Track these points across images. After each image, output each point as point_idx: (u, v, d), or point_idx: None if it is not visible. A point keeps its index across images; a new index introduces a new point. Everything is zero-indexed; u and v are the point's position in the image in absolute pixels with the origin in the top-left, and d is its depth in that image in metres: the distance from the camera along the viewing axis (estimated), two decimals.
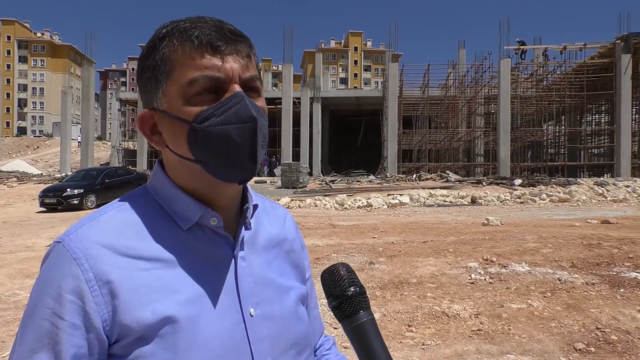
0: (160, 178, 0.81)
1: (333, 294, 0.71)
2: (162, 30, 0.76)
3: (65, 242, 0.71)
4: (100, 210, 0.78)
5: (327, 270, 0.74)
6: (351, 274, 0.73)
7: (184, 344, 0.69)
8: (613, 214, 12.34)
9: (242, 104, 0.73)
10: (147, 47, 0.78)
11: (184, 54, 0.73)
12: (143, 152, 39.42)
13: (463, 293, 5.29)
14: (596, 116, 38.61)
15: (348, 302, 0.70)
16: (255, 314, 0.78)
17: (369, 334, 0.67)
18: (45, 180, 28.96)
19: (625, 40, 30.15)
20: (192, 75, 0.72)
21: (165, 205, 0.79)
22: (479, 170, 35.36)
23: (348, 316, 0.69)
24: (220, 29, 0.74)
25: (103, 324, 0.68)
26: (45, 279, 0.70)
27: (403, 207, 16.61)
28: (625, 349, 3.73)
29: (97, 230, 0.73)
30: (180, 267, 0.74)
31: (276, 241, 0.90)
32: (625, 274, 5.75)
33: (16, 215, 16.21)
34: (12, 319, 4.79)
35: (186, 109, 0.73)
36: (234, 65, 0.74)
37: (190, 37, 0.73)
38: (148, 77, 0.77)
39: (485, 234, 9.14)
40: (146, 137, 0.80)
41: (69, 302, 0.67)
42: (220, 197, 0.80)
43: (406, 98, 37.58)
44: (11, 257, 8.04)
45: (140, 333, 0.68)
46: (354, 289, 0.71)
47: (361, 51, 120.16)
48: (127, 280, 0.70)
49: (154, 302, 0.70)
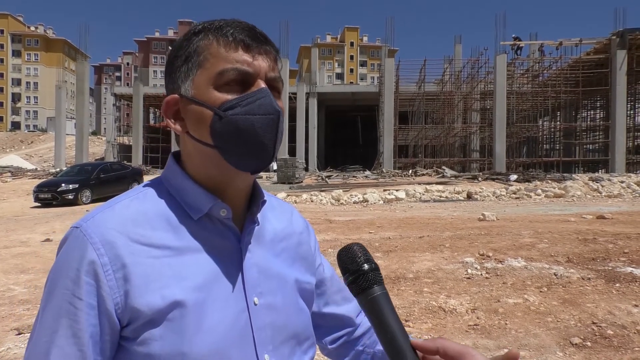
0: (173, 170, 0.85)
1: (349, 269, 0.75)
2: (197, 27, 0.82)
3: (83, 227, 0.74)
4: (116, 199, 0.81)
5: (343, 249, 0.78)
6: (365, 252, 0.77)
7: (190, 328, 0.73)
8: (608, 209, 12.40)
9: (267, 98, 0.78)
10: (181, 39, 0.83)
11: (219, 47, 0.78)
12: (138, 147, 39.27)
13: (460, 288, 5.30)
14: (591, 112, 38.80)
15: (363, 277, 0.73)
16: (258, 303, 0.82)
17: (382, 307, 0.71)
18: (39, 175, 28.85)
19: (621, 36, 30.24)
20: (223, 66, 0.77)
21: (177, 196, 0.82)
22: (475, 165, 35.48)
23: (363, 290, 0.73)
24: (253, 31, 0.80)
25: (115, 307, 0.71)
26: (63, 261, 0.74)
27: (399, 202, 16.65)
28: (621, 344, 3.74)
29: (112, 218, 0.76)
30: (189, 255, 0.78)
31: (282, 235, 0.94)
32: (620, 268, 5.77)
33: (11, 211, 16.14)
34: (7, 315, 4.75)
35: (214, 95, 0.77)
36: (262, 63, 0.79)
37: (225, 33, 0.78)
38: (179, 65, 0.81)
39: (481, 229, 9.16)
40: (168, 122, 0.84)
41: (85, 284, 0.71)
42: (231, 188, 0.83)
43: (402, 93, 37.61)
44: (5, 252, 8.00)
45: (150, 317, 0.72)
46: (369, 265, 0.75)
47: (357, 46, 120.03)
48: (139, 266, 0.73)
49: (164, 288, 0.73)
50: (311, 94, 40.05)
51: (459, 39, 40.43)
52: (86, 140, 37.53)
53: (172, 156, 0.88)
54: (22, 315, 4.74)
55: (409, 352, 0.67)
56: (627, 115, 32.06)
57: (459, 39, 40.43)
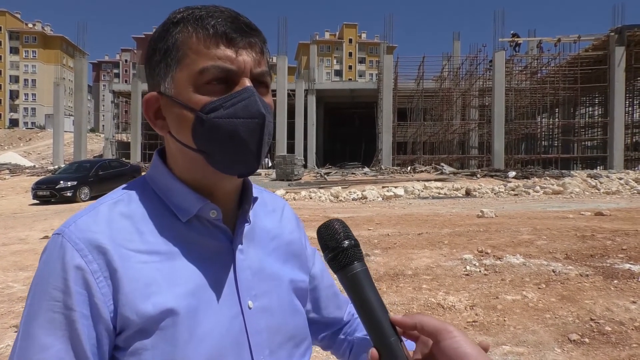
0: (159, 169, 0.80)
1: (329, 246, 0.73)
2: (176, 15, 0.75)
3: (66, 233, 0.69)
4: (98, 201, 0.76)
5: (323, 225, 0.76)
6: (345, 228, 0.75)
7: (183, 337, 0.69)
8: (606, 206, 12.43)
9: (252, 99, 0.72)
10: (160, 30, 0.76)
11: (198, 41, 0.72)
12: (137, 144, 39.17)
13: (458, 285, 5.31)
14: (590, 109, 38.82)
15: (343, 254, 0.72)
16: (253, 306, 0.78)
17: (362, 283, 0.70)
18: (38, 172, 28.79)
19: (619, 33, 30.24)
20: (204, 64, 0.71)
21: (164, 197, 0.78)
22: (474, 162, 35.50)
23: (344, 267, 0.71)
24: (236, 21, 0.74)
25: (110, 314, 0.68)
26: (47, 271, 0.68)
27: (398, 199, 16.65)
28: (619, 340, 3.76)
29: (96, 221, 0.71)
30: (179, 259, 0.74)
31: (274, 233, 0.90)
32: (618, 265, 5.79)
33: (9, 208, 16.12)
34: (6, 312, 4.76)
35: (195, 96, 0.72)
36: (247, 58, 0.73)
37: (205, 25, 0.72)
38: (157, 60, 0.75)
39: (479, 226, 9.17)
40: (149, 121, 0.79)
41: (77, 294, 0.66)
42: (219, 190, 0.79)
43: (401, 90, 37.56)
44: (4, 249, 7.99)
45: (141, 325, 0.68)
46: (349, 242, 0.73)
47: (356, 43, 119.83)
48: (129, 271, 0.69)
49: (154, 294, 0.69)
50: (310, 91, 39.98)
51: (457, 35, 40.39)
52: (84, 138, 37.43)
53: (158, 154, 0.83)
54: (21, 312, 4.72)
55: (389, 328, 0.67)
56: (626, 111, 32.08)
57: (457, 35, 40.39)
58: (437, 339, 0.64)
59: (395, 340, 0.66)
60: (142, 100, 0.78)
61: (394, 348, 0.66)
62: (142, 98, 0.80)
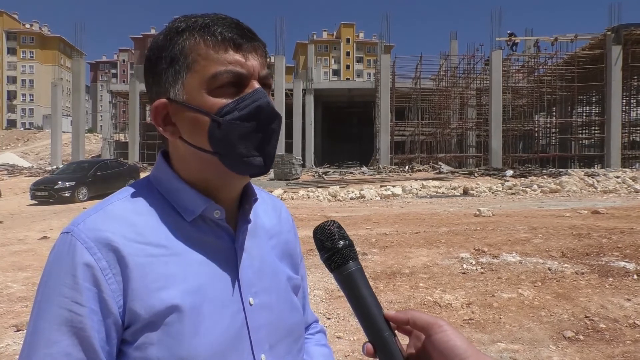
0: (164, 170, 0.83)
1: (325, 247, 0.76)
2: (179, 24, 0.77)
3: (75, 232, 0.71)
4: (105, 201, 0.79)
5: (318, 227, 0.79)
6: (340, 229, 0.78)
7: (187, 332, 0.72)
8: (603, 205, 12.48)
9: (264, 100, 0.76)
10: (162, 39, 0.78)
11: (207, 48, 0.75)
12: (135, 145, 39.13)
13: (455, 283, 5.34)
14: (587, 107, 38.85)
15: (338, 254, 0.75)
16: (254, 303, 0.81)
17: (357, 281, 0.73)
18: (36, 172, 28.76)
19: (616, 32, 30.31)
20: (216, 69, 0.74)
21: (169, 197, 0.81)
22: (471, 161, 35.52)
23: (339, 266, 0.74)
24: (239, 27, 0.77)
25: (119, 309, 0.70)
26: (57, 269, 0.70)
27: (395, 198, 16.68)
28: (613, 337, 3.79)
29: (105, 220, 0.74)
30: (185, 257, 0.76)
31: (273, 232, 0.94)
32: (614, 263, 5.83)
33: (7, 208, 16.09)
34: (5, 312, 4.77)
35: (209, 101, 0.75)
36: (254, 62, 0.77)
37: (213, 32, 0.75)
38: (164, 68, 0.77)
39: (477, 224, 9.21)
40: (158, 128, 0.80)
41: (86, 290, 0.68)
42: (226, 190, 0.82)
43: (398, 89, 37.60)
44: (3, 250, 8.00)
45: (148, 320, 0.70)
46: (344, 242, 0.76)
47: (353, 42, 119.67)
48: (137, 267, 0.71)
49: (161, 290, 0.72)
50: (308, 91, 39.98)
51: (454, 34, 40.43)
52: (82, 138, 37.37)
53: (162, 155, 0.85)
54: (20, 312, 4.76)
55: (383, 324, 0.70)
56: (623, 110, 32.14)
57: (454, 34, 40.43)
58: (429, 333, 0.67)
59: (389, 335, 0.70)
60: (150, 108, 0.80)
61: (388, 342, 0.69)
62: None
